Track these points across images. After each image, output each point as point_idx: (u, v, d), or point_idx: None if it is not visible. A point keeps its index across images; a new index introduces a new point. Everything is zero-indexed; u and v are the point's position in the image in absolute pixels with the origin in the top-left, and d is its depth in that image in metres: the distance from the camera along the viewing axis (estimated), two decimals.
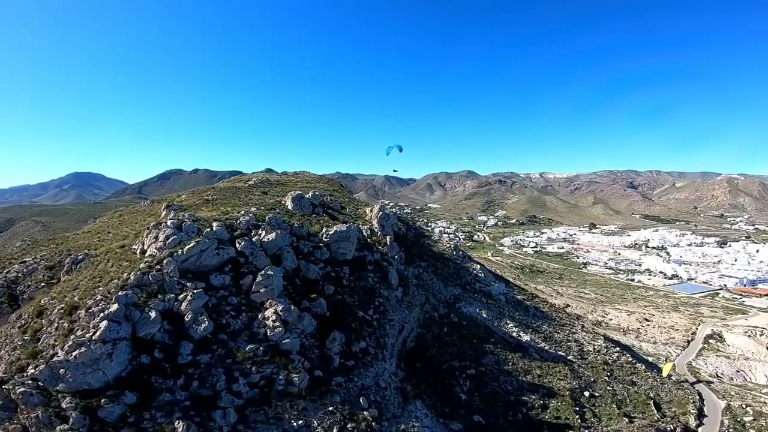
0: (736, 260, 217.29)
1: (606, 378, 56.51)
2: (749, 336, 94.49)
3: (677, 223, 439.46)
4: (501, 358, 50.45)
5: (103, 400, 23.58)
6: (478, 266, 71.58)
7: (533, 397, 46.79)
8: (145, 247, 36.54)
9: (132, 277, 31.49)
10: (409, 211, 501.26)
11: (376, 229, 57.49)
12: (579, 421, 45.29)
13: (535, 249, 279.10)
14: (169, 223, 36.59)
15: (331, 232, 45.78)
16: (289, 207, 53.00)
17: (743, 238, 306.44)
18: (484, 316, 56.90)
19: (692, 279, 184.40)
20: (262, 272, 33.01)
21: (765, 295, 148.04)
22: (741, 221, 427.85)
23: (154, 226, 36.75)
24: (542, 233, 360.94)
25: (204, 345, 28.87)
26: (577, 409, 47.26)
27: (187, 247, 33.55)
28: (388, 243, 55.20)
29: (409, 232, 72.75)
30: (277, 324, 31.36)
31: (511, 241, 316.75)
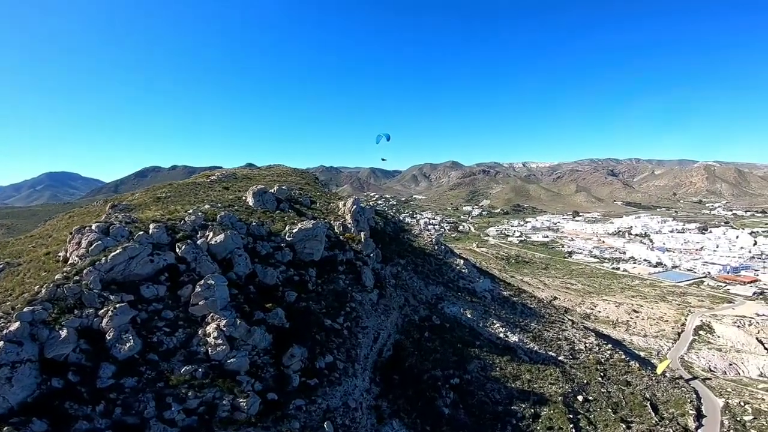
0: (717, 246, 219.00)
1: (599, 379, 52.93)
2: (738, 326, 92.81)
3: (658, 209, 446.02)
4: (488, 362, 46.15)
5: (5, 428, 19.55)
6: (462, 261, 67.05)
7: (523, 405, 42.67)
8: (68, 255, 30.90)
9: (43, 291, 26.10)
10: (395, 203, 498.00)
11: (349, 225, 52.28)
12: (573, 430, 41.44)
13: (520, 238, 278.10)
14: (93, 227, 30.86)
15: (294, 231, 40.50)
16: (250, 203, 47.41)
17: (722, 223, 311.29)
18: (469, 316, 52.46)
19: (676, 266, 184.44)
20: (202, 282, 27.66)
21: (748, 283, 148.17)
22: (719, 207, 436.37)
23: (77, 231, 30.98)
24: (527, 222, 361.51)
25: (129, 367, 24.07)
26: (571, 416, 43.42)
27: (112, 254, 27.98)
28: (362, 240, 50.11)
29: (387, 227, 67.77)
30: (220, 341, 26.23)
31: (496, 230, 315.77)
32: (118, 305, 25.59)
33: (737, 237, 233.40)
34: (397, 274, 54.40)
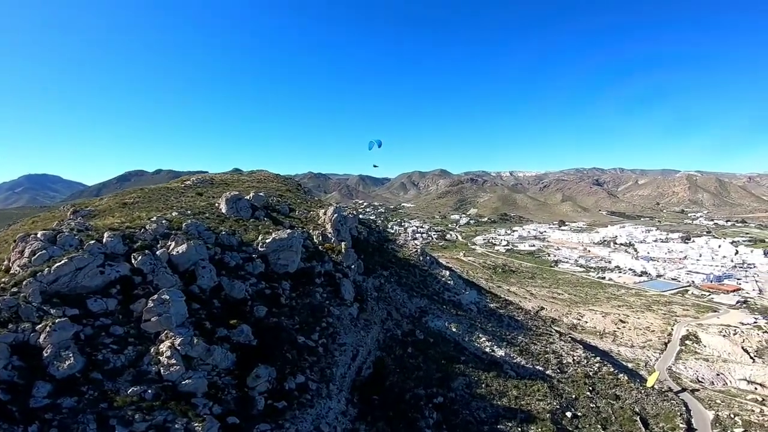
0: (700, 256, 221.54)
1: (588, 393, 51.13)
2: (724, 336, 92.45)
3: (642, 219, 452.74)
4: (473, 379, 43.89)
5: None
6: (447, 272, 64.99)
7: (510, 424, 40.40)
8: (10, 264, 28.00)
9: None
10: (383, 211, 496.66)
11: (329, 235, 49.86)
12: None
13: (506, 247, 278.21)
14: (39, 234, 28.09)
15: (268, 241, 37.94)
16: (223, 210, 44.73)
17: (704, 233, 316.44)
18: (454, 330, 50.23)
19: (661, 275, 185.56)
20: (155, 296, 24.99)
21: (732, 292, 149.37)
22: (701, 216, 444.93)
23: (21, 239, 28.15)
24: (513, 231, 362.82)
25: (69, 386, 21.63)
26: None
27: (56, 264, 25.20)
28: (343, 250, 47.72)
29: (370, 237, 65.40)
30: (174, 361, 23.60)
31: (483, 239, 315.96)
32: (57, 320, 22.97)
33: (719, 246, 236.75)
34: (380, 286, 52.01)
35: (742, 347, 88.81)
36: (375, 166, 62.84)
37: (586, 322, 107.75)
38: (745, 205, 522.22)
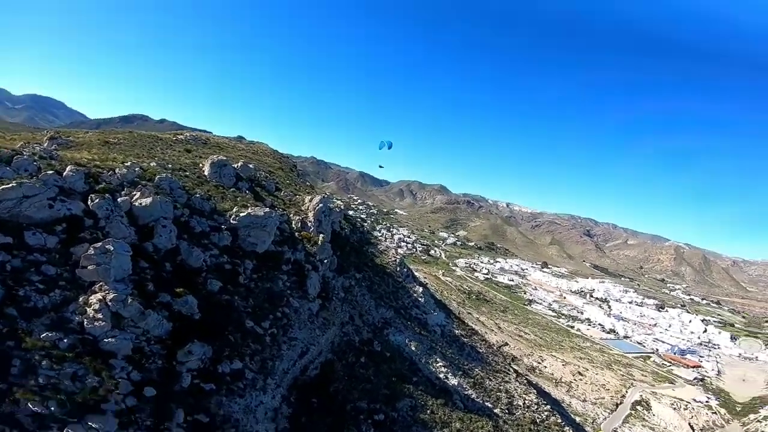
0: (670, 326, 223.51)
1: None
2: (674, 409, 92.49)
3: (623, 278, 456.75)
4: (419, 403, 42.31)
5: None
6: (421, 289, 63.44)
7: None
8: None
9: None
10: (375, 212, 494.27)
11: (309, 223, 48.03)
12: None
13: (486, 276, 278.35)
14: None
15: (242, 215, 36.06)
16: (206, 173, 42.75)
17: (679, 305, 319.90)
18: (413, 349, 48.68)
19: (628, 337, 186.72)
20: (99, 244, 23.03)
21: (692, 367, 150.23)
22: (679, 289, 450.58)
23: None
24: (497, 261, 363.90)
25: None
26: None
27: (2, 187, 23.12)
28: (319, 242, 45.88)
29: (353, 235, 63.60)
30: (101, 316, 21.61)
31: (465, 263, 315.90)
32: None
33: (690, 321, 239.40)
34: (349, 287, 50.24)
35: (689, 423, 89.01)
36: (381, 166, 61.78)
37: (545, 367, 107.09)
38: (723, 287, 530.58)
